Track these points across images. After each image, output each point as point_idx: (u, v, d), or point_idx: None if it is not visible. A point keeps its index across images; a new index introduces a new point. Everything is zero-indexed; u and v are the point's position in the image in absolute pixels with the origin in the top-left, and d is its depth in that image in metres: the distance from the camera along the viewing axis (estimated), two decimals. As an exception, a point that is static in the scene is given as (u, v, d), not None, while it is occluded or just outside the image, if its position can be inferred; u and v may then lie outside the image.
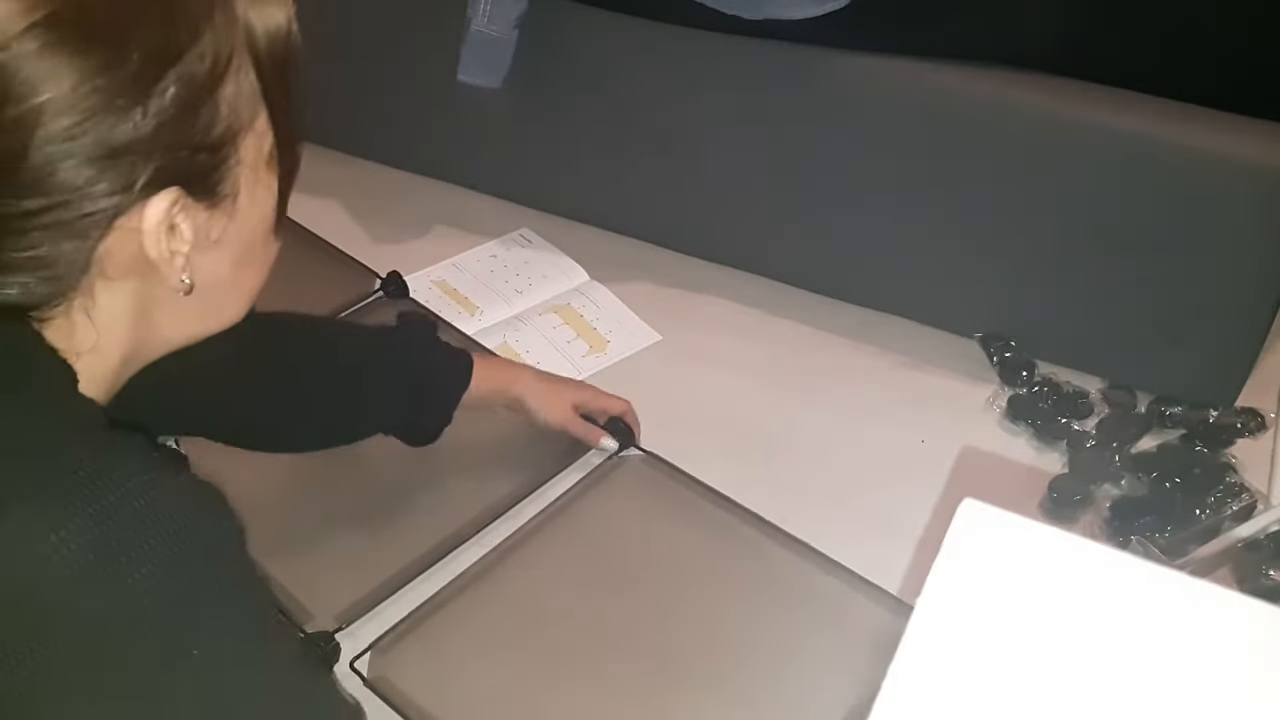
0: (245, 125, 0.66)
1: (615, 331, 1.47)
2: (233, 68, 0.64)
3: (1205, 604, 0.51)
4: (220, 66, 0.63)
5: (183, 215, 0.65)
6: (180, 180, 0.63)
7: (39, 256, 0.62)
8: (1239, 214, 1.26)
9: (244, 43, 0.64)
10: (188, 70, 0.61)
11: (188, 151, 0.63)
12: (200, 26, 0.62)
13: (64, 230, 0.61)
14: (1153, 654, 0.49)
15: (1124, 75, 1.28)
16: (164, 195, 0.63)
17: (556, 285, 1.54)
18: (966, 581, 0.51)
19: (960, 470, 1.30)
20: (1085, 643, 0.50)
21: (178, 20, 0.61)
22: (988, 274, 1.42)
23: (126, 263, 0.65)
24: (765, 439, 1.34)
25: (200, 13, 0.62)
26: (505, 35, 1.41)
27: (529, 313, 1.49)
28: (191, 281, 0.67)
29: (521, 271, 1.54)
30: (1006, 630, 0.50)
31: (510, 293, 1.51)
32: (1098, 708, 0.48)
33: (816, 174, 1.44)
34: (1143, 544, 1.21)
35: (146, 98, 0.60)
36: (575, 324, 1.48)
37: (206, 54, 0.62)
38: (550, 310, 1.50)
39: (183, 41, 0.61)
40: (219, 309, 0.74)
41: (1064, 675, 0.49)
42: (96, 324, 0.66)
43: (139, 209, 0.63)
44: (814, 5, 1.31)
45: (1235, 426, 1.34)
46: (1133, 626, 0.50)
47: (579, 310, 1.50)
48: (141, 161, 0.61)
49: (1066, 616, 0.51)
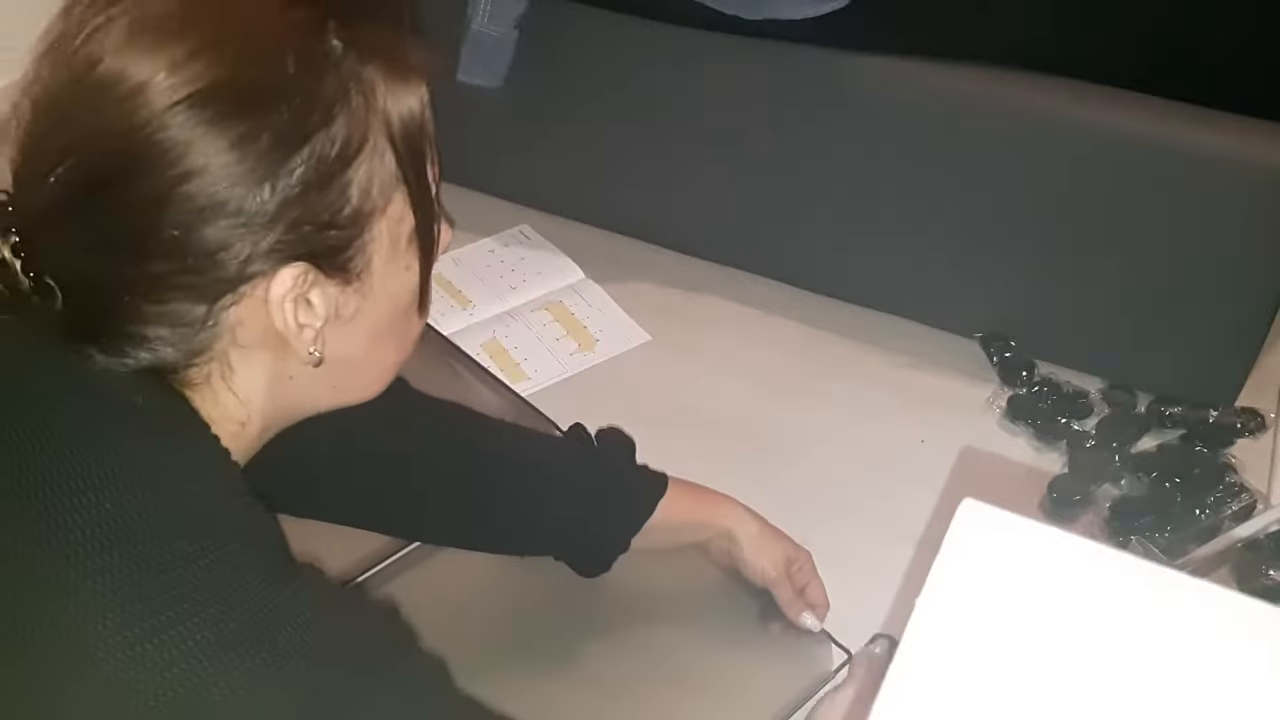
0: (379, 206, 0.67)
1: (605, 330, 1.47)
2: (366, 151, 0.65)
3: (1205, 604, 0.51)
4: (352, 149, 0.65)
5: (315, 290, 0.66)
6: (309, 255, 0.65)
7: (172, 315, 0.64)
8: (1238, 214, 1.26)
9: (381, 128, 0.66)
10: (318, 151, 0.63)
11: (316, 228, 0.65)
12: (334, 111, 0.64)
13: (195, 293, 0.64)
14: (1153, 654, 0.49)
15: (1124, 75, 1.28)
16: (292, 268, 0.65)
17: (551, 282, 1.54)
18: (966, 581, 0.51)
19: (960, 470, 1.30)
20: (1085, 643, 0.50)
21: (313, 104, 0.63)
22: (988, 274, 1.42)
23: (258, 333, 0.66)
24: (764, 439, 1.34)
25: (336, 98, 0.64)
26: (505, 35, 1.41)
27: (521, 309, 1.49)
28: (321, 355, 0.68)
29: (517, 268, 1.54)
30: (1006, 630, 0.50)
31: (504, 288, 1.51)
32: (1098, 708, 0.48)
33: (816, 174, 1.44)
34: (1143, 544, 1.21)
35: (276, 174, 0.62)
36: (565, 321, 1.48)
37: (338, 137, 0.64)
38: (541, 307, 1.50)
39: (315, 124, 0.63)
40: (354, 383, 0.75)
41: (1064, 675, 0.49)
42: (238, 394, 0.68)
43: (266, 279, 0.64)
44: (814, 5, 1.31)
45: (1235, 426, 1.34)
46: (1133, 626, 0.50)
47: (570, 308, 1.50)
48: (269, 233, 0.63)
49: (1066, 616, 0.51)
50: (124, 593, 0.57)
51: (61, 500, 0.59)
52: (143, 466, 0.62)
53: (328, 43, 0.64)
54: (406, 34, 0.69)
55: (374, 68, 0.66)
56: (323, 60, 0.64)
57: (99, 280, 0.64)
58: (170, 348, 0.65)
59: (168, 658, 0.56)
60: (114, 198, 0.62)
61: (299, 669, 0.60)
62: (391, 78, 0.66)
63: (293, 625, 0.60)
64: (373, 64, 0.65)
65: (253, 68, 0.63)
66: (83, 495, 0.59)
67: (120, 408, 0.64)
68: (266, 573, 0.62)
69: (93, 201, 0.62)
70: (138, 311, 0.64)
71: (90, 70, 0.62)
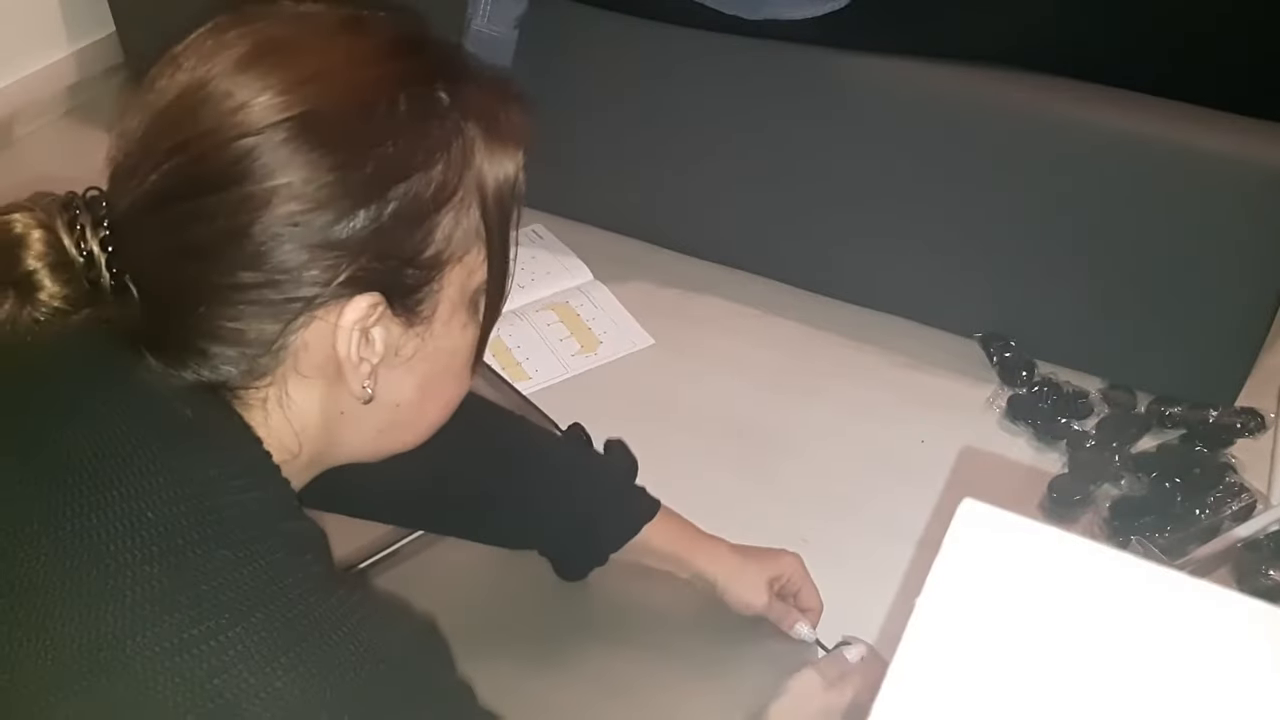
0: (457, 257, 0.69)
1: (609, 332, 1.47)
2: (456, 200, 0.68)
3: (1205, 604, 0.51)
4: (444, 195, 0.67)
5: (379, 325, 0.67)
6: (383, 288, 0.66)
7: (243, 331, 0.65)
8: (1239, 214, 1.26)
9: (474, 184, 0.68)
10: (414, 190, 0.65)
11: (396, 263, 0.66)
12: (435, 155, 0.66)
13: (269, 309, 0.65)
14: (1152, 654, 0.49)
15: (1123, 75, 1.28)
16: (365, 297, 0.66)
17: (559, 283, 1.54)
18: (966, 581, 0.51)
19: (960, 470, 1.30)
20: (1085, 643, 0.50)
21: (418, 145, 0.65)
22: (988, 274, 1.42)
23: (320, 360, 0.67)
24: (764, 439, 1.34)
25: (439, 144, 0.66)
26: (505, 35, 1.41)
27: (527, 308, 1.49)
28: (373, 393, 0.69)
29: (527, 266, 1.55)
30: (1006, 630, 0.50)
31: (514, 287, 1.51)
32: (1098, 708, 0.48)
33: (816, 174, 1.44)
34: (1143, 544, 1.21)
35: (369, 203, 0.64)
36: (570, 322, 1.48)
37: (435, 180, 0.66)
38: (547, 307, 1.50)
39: (416, 164, 0.65)
40: (398, 430, 0.75)
41: (1064, 675, 0.49)
42: (293, 422, 0.69)
43: (339, 305, 0.65)
44: (814, 5, 1.32)
45: (1235, 426, 1.34)
46: (1133, 626, 0.50)
47: (576, 309, 1.50)
48: (351, 260, 0.64)
49: (1066, 616, 0.51)
50: (163, 604, 0.57)
51: (104, 510, 0.59)
52: (189, 477, 0.62)
53: (437, 92, 0.67)
54: (511, 100, 0.71)
55: (475, 125, 0.68)
56: (430, 107, 0.66)
57: (177, 287, 0.65)
58: (233, 366, 0.66)
59: (207, 669, 0.56)
60: (207, 202, 0.63)
61: (343, 680, 0.59)
62: (491, 139, 0.69)
63: (337, 635, 0.60)
64: (475, 122, 0.68)
65: (363, 99, 0.65)
66: (126, 504, 0.59)
67: (172, 418, 0.64)
68: (312, 582, 0.61)
69: (186, 204, 0.63)
70: (210, 324, 0.65)
71: (204, 85, 0.64)
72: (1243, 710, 0.48)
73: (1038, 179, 1.33)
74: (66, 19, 1.89)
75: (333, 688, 0.59)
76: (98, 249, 0.64)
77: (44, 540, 0.59)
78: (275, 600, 0.59)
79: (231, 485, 0.63)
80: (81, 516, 0.59)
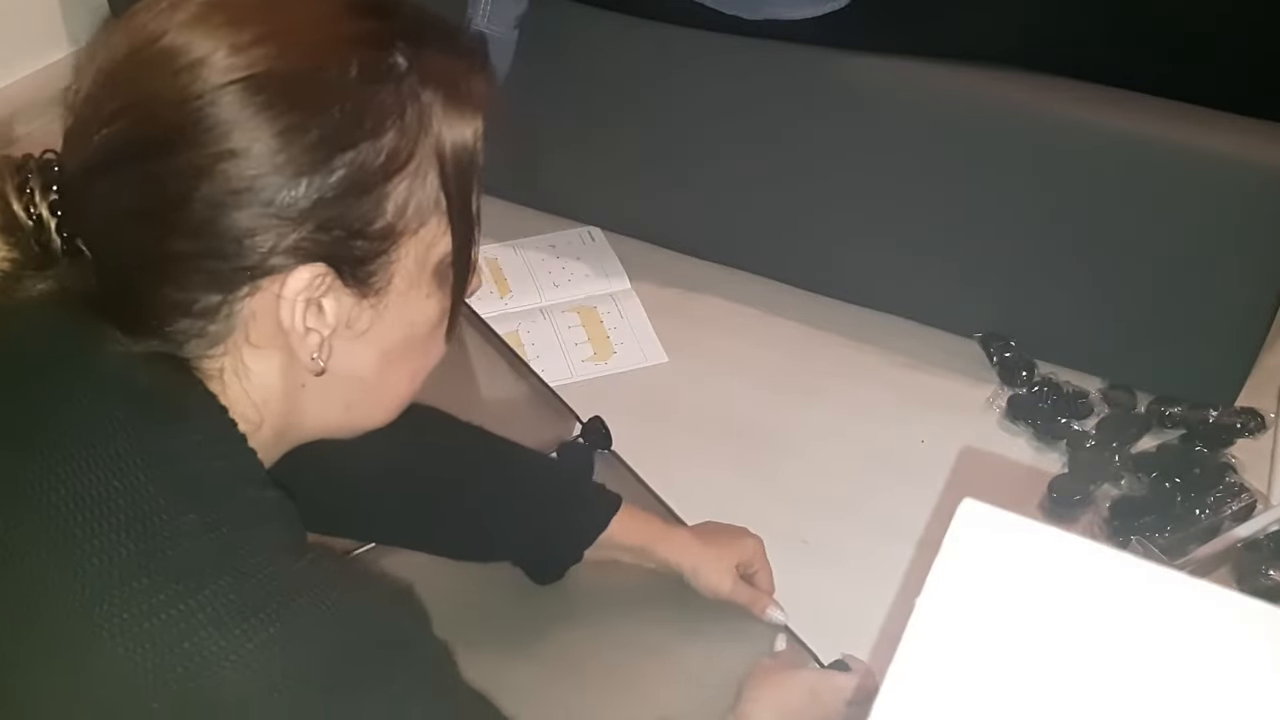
0: (413, 227, 0.67)
1: (625, 344, 1.46)
2: (410, 169, 0.65)
3: (1205, 604, 0.51)
4: (396, 164, 0.65)
5: (329, 296, 0.66)
6: (330, 259, 0.65)
7: (191, 300, 0.64)
8: (1239, 214, 1.26)
9: (431, 152, 0.66)
10: (362, 158, 0.63)
11: (345, 234, 0.64)
12: (385, 123, 0.64)
13: (213, 278, 0.64)
14: (1152, 654, 0.49)
15: (1124, 75, 1.28)
16: (309, 268, 0.64)
17: (593, 286, 1.54)
18: (966, 582, 0.51)
19: (960, 470, 1.30)
20: (1085, 643, 0.50)
21: (366, 111, 0.63)
22: (988, 274, 1.42)
23: (269, 332, 0.66)
24: (764, 439, 1.34)
25: (390, 111, 0.64)
26: (505, 35, 1.41)
27: (554, 308, 1.50)
28: (325, 365, 0.68)
29: (568, 266, 1.55)
30: (1006, 630, 0.50)
31: (548, 284, 1.52)
32: (1098, 708, 0.48)
33: (816, 174, 1.44)
34: (1143, 544, 1.21)
35: (314, 172, 0.62)
36: (591, 327, 1.48)
37: (385, 149, 0.64)
38: (574, 309, 1.50)
39: (365, 131, 0.63)
40: (365, 405, 0.74)
41: (1064, 675, 0.49)
42: (251, 394, 0.68)
43: (284, 275, 0.64)
44: (814, 5, 1.31)
45: (1235, 426, 1.34)
46: (1133, 626, 0.50)
47: (601, 315, 1.50)
48: (297, 229, 0.63)
49: (1066, 617, 0.51)
50: (130, 571, 0.57)
51: (71, 481, 0.59)
52: (154, 446, 0.62)
53: (393, 57, 0.65)
54: (473, 67, 0.69)
55: (434, 92, 0.66)
56: (385, 72, 0.64)
57: (126, 253, 0.64)
58: (186, 336, 0.65)
59: (176, 633, 0.56)
60: (154, 165, 0.62)
61: (315, 642, 0.59)
62: (449, 105, 0.67)
63: (308, 598, 0.60)
64: (433, 88, 0.66)
65: (314, 63, 0.63)
66: (89, 474, 0.59)
67: (134, 388, 0.64)
68: (281, 547, 0.61)
69: (133, 166, 0.62)
70: (159, 292, 0.64)
71: (154, 42, 0.62)
72: (1243, 710, 0.48)
73: (1038, 179, 1.33)
74: (66, 19, 1.89)
75: (305, 649, 0.59)
76: (47, 213, 0.63)
77: (10, 513, 0.60)
78: (243, 564, 0.59)
79: (197, 453, 0.63)
80: (48, 489, 0.59)
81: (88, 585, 0.57)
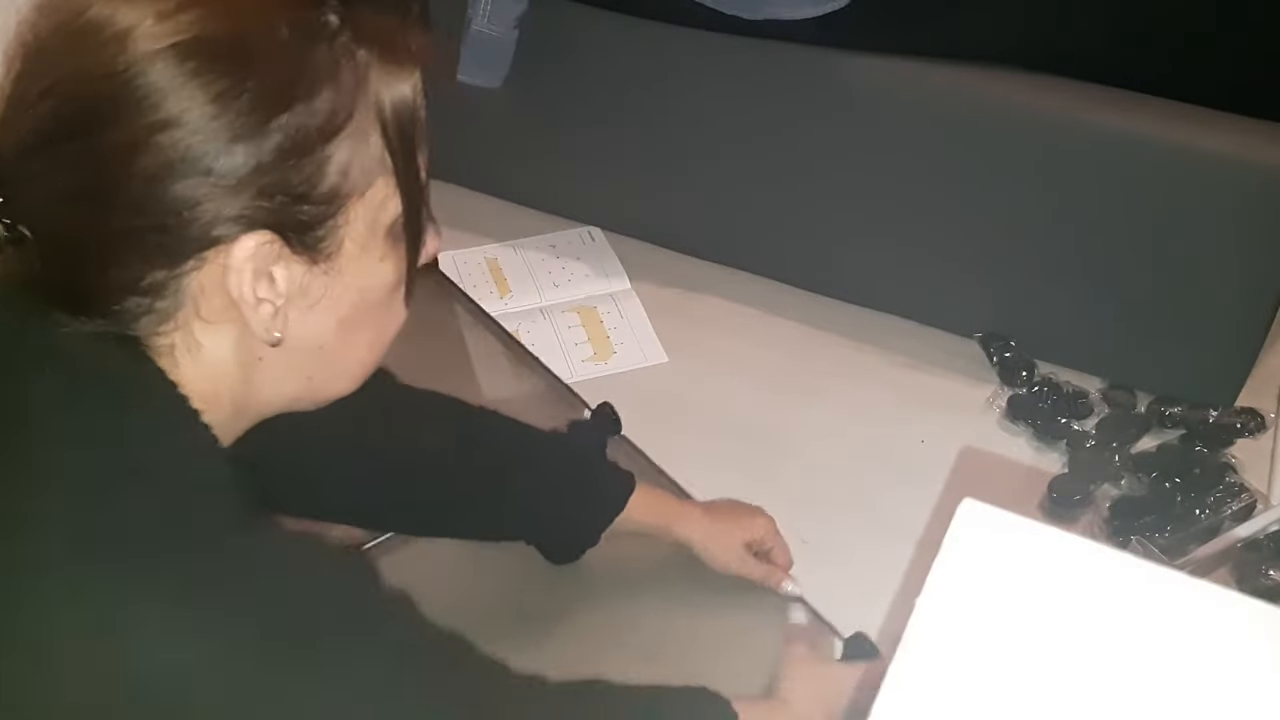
0: (358, 189, 0.66)
1: (625, 344, 1.46)
2: (349, 130, 0.64)
3: (1205, 604, 0.51)
4: (335, 125, 0.63)
5: (279, 265, 0.65)
6: (275, 226, 0.63)
7: (136, 277, 0.63)
8: (1238, 214, 1.26)
9: (370, 110, 0.65)
10: (297, 121, 0.62)
11: (289, 199, 0.63)
12: (320, 84, 0.63)
13: (157, 253, 0.63)
14: (1152, 654, 0.49)
15: (1123, 75, 1.28)
16: (253, 236, 0.63)
17: (593, 287, 1.53)
18: (966, 581, 0.51)
19: (960, 470, 1.30)
20: (1085, 642, 0.50)
21: (299, 72, 0.62)
22: (988, 274, 1.42)
23: (220, 305, 0.65)
24: (764, 439, 1.34)
25: (324, 71, 0.63)
26: (505, 35, 1.41)
27: (554, 308, 1.50)
28: (281, 335, 0.66)
29: (568, 266, 1.55)
30: (1006, 630, 0.50)
31: (548, 284, 1.52)
32: (1098, 708, 0.48)
33: (816, 174, 1.44)
34: (1143, 544, 1.21)
35: (252, 136, 0.61)
36: (591, 327, 1.48)
37: (322, 110, 0.63)
38: (574, 309, 1.50)
39: (299, 93, 0.62)
40: (327, 375, 0.72)
41: (1064, 675, 0.49)
42: (204, 370, 0.66)
43: (228, 245, 0.63)
44: (814, 5, 1.31)
45: (1235, 426, 1.34)
46: (1133, 626, 0.50)
47: (601, 315, 1.50)
48: (238, 197, 0.62)
49: (1066, 616, 0.51)
50: (73, 547, 0.57)
51: (17, 461, 0.59)
52: (101, 425, 0.61)
53: (325, 16, 0.64)
54: (409, 23, 0.68)
55: (369, 49, 0.65)
56: (317, 32, 0.63)
57: (67, 234, 0.63)
58: (135, 314, 0.64)
59: (117, 606, 0.56)
60: (88, 143, 0.61)
61: (258, 616, 0.59)
62: (386, 62, 0.65)
63: (253, 572, 0.59)
64: (368, 45, 0.65)
65: (243, 27, 0.62)
66: (37, 454, 0.59)
67: (82, 369, 0.63)
68: (231, 520, 0.61)
69: (67, 146, 0.61)
70: (104, 271, 0.63)
71: (80, 14, 0.61)
72: (1243, 710, 0.48)
73: (1038, 179, 1.33)
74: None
75: (247, 623, 0.59)
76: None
77: None
78: (187, 539, 0.59)
79: (146, 430, 0.62)
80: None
81: (31, 560, 0.57)
